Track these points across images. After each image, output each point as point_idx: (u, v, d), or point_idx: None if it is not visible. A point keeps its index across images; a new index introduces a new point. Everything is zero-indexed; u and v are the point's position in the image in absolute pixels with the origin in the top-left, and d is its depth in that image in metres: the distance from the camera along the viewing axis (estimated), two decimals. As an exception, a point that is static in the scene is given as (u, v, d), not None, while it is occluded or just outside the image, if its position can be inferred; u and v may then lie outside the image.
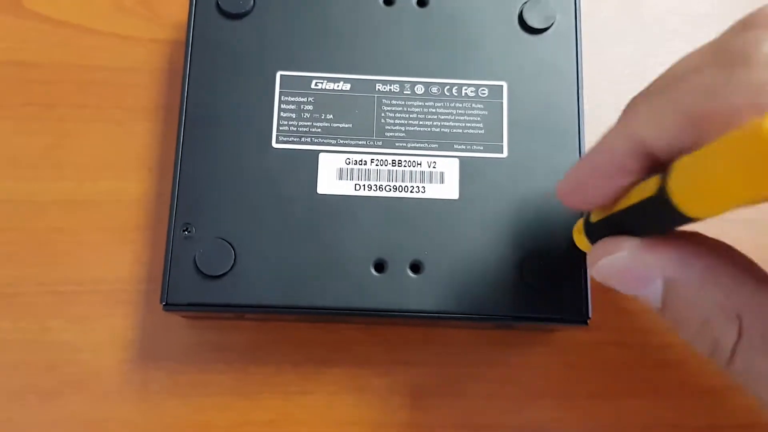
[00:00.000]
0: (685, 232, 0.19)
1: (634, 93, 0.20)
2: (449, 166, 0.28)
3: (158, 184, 0.31)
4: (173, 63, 0.32)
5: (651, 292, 0.19)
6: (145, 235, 0.30)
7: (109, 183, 0.31)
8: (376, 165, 0.28)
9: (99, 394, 0.29)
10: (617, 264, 0.20)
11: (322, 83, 0.28)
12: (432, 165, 0.28)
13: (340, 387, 0.29)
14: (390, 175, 0.27)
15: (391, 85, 0.28)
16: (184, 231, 0.27)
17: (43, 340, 0.29)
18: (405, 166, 0.28)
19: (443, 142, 0.28)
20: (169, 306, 0.26)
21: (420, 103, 0.28)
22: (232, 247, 0.26)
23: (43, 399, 0.29)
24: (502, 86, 0.28)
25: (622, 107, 0.20)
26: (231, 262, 0.26)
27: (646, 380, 0.29)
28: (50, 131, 0.31)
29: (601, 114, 0.32)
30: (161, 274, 0.26)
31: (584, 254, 0.27)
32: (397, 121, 0.28)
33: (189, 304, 0.26)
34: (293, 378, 0.29)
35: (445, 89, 0.28)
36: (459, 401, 0.29)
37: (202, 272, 0.26)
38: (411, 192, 0.27)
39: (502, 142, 0.28)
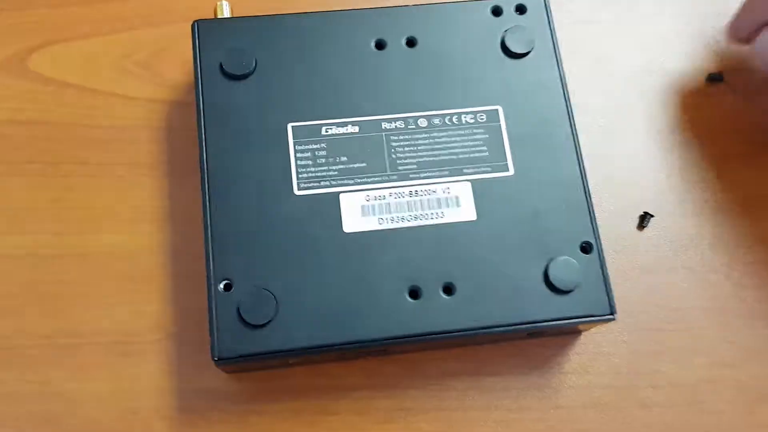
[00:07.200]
0: None
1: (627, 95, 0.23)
2: (462, 190, 0.30)
3: (158, 235, 0.32)
4: (171, 121, 0.34)
5: None
6: (146, 287, 0.31)
7: (110, 236, 0.32)
8: (395, 198, 0.29)
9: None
10: None
11: (331, 129, 0.30)
12: (446, 191, 0.30)
13: None
14: (409, 206, 0.29)
15: (395, 122, 0.30)
16: (223, 286, 0.28)
17: (45, 392, 0.29)
18: (421, 195, 0.29)
19: (453, 168, 0.30)
20: (221, 361, 0.27)
21: (425, 135, 0.30)
22: (273, 295, 0.28)
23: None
24: (497, 110, 0.31)
25: (613, 112, 0.22)
26: (274, 310, 0.27)
27: (635, 419, 0.31)
28: (54, 187, 0.32)
29: (592, 120, 0.35)
30: (162, 324, 0.27)
31: (601, 255, 0.29)
32: (407, 155, 0.30)
33: (240, 356, 0.27)
34: (293, 426, 0.30)
35: (446, 119, 0.30)
36: (457, 446, 0.30)
37: (247, 323, 0.27)
38: (431, 219, 0.29)
39: (507, 160, 0.30)
